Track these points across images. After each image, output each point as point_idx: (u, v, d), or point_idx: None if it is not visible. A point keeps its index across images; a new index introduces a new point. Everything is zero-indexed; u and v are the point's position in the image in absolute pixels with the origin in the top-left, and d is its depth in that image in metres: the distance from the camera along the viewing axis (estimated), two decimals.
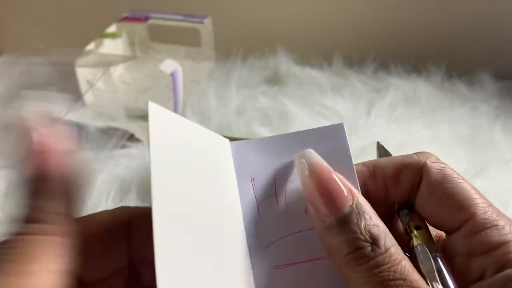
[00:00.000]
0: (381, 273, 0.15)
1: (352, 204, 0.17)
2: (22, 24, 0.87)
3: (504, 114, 0.57)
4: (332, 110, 0.59)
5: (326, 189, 0.17)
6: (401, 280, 0.15)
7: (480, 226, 0.17)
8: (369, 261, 0.16)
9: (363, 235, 0.16)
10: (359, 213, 0.17)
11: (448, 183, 0.19)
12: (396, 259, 0.16)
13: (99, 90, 0.57)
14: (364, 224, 0.17)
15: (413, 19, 0.71)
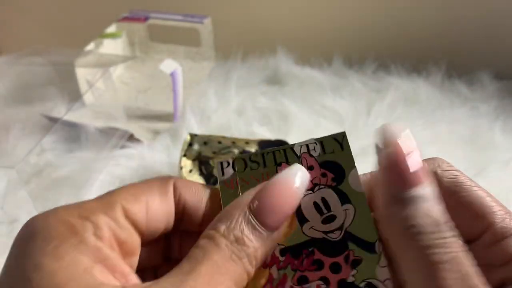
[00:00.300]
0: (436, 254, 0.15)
1: (427, 186, 0.17)
2: (22, 24, 0.87)
3: (504, 114, 0.57)
4: (332, 110, 0.59)
5: (415, 161, 0.17)
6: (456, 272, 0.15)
7: (499, 236, 0.17)
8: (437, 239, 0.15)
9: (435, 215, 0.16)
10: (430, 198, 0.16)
11: (462, 191, 0.18)
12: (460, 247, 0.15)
13: (99, 90, 0.57)
14: (439, 208, 0.16)
15: (413, 20, 0.71)
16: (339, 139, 0.21)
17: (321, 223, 0.19)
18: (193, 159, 0.45)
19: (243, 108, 0.60)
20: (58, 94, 0.60)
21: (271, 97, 0.63)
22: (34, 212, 0.41)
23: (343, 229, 0.19)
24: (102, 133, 0.53)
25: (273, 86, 0.67)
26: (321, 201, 0.20)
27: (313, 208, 0.19)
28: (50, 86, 0.60)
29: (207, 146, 0.47)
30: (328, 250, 0.19)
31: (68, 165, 0.50)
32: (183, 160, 0.45)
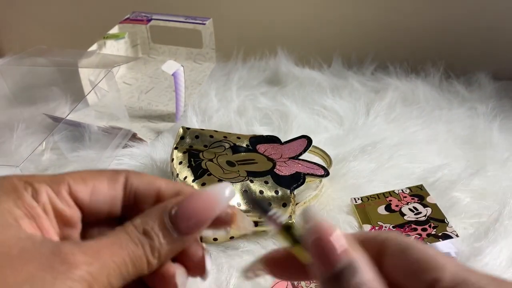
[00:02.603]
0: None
1: (345, 261, 0.17)
2: (26, 25, 0.87)
3: (502, 115, 0.58)
4: (331, 110, 0.60)
5: (322, 246, 0.18)
6: None
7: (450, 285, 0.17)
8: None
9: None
10: (353, 270, 0.17)
11: (410, 249, 0.19)
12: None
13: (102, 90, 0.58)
14: (355, 281, 0.17)
15: (411, 21, 0.72)
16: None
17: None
18: (184, 151, 0.46)
19: (243, 108, 0.61)
20: (62, 94, 0.60)
21: (271, 98, 0.64)
22: None
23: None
24: (105, 132, 0.54)
25: (273, 86, 0.67)
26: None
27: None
28: (54, 87, 0.61)
29: (199, 140, 0.48)
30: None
31: (72, 165, 0.50)
32: (174, 153, 0.46)
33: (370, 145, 0.51)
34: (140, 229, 0.19)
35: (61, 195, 0.20)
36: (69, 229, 0.21)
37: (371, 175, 0.47)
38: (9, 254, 0.16)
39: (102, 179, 0.21)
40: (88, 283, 0.16)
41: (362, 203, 0.43)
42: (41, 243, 0.17)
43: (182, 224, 0.20)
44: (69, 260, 0.16)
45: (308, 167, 0.44)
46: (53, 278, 0.16)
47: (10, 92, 0.60)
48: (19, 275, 0.15)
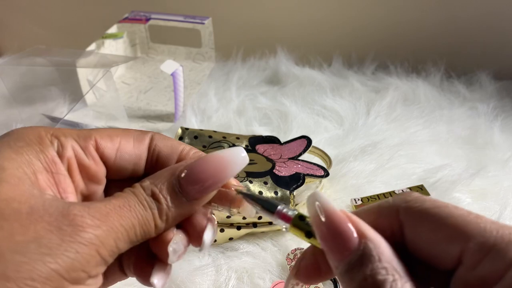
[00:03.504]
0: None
1: (360, 248, 0.16)
2: (24, 24, 0.87)
3: (503, 114, 0.57)
4: (331, 110, 0.59)
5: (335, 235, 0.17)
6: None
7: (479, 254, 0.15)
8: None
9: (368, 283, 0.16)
10: (368, 257, 0.16)
11: (428, 216, 0.17)
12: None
13: (100, 90, 0.58)
14: (371, 268, 0.16)
15: (412, 20, 0.71)
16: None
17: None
18: None
19: (243, 108, 0.61)
20: (60, 94, 0.60)
21: (271, 97, 0.63)
22: None
23: None
24: None
25: (273, 86, 0.67)
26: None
27: None
28: (52, 87, 0.60)
29: (198, 140, 0.48)
30: None
31: None
32: None
33: (371, 145, 0.51)
34: (149, 191, 0.19)
35: (87, 150, 0.20)
36: (94, 184, 0.21)
37: (371, 175, 0.47)
38: (19, 211, 0.16)
39: (128, 137, 0.21)
40: (95, 247, 0.16)
41: (363, 204, 0.43)
42: (51, 203, 0.17)
43: (190, 188, 0.19)
44: (77, 222, 0.16)
45: (308, 167, 0.44)
46: (60, 240, 0.15)
47: (8, 92, 0.60)
48: (26, 233, 0.15)
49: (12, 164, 0.17)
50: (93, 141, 0.20)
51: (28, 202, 0.16)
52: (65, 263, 0.15)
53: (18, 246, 0.15)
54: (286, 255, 0.38)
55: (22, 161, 0.18)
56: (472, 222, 0.16)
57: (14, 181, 0.17)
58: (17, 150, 0.18)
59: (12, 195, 0.16)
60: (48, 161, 0.18)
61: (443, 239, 0.16)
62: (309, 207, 0.18)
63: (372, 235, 0.17)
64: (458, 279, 0.16)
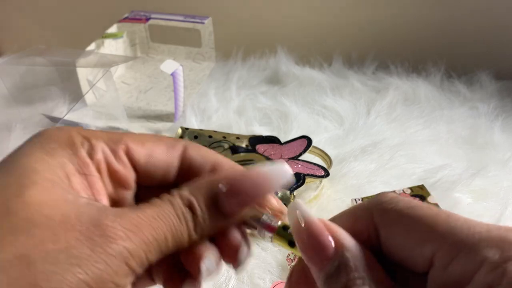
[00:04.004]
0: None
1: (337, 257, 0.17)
2: (24, 24, 0.87)
3: (503, 114, 0.57)
4: (331, 110, 0.59)
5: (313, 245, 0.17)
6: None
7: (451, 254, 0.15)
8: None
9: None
10: (343, 267, 0.16)
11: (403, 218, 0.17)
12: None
13: (100, 90, 0.58)
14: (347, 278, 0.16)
15: (412, 20, 0.71)
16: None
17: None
18: None
19: (243, 108, 0.60)
20: (60, 94, 0.60)
21: (271, 97, 0.63)
22: None
23: None
24: None
25: (273, 86, 0.67)
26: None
27: None
28: (52, 86, 0.60)
29: (198, 140, 0.48)
30: None
31: None
32: None
33: (371, 145, 0.51)
34: (186, 200, 0.18)
35: (117, 154, 0.19)
36: (123, 190, 0.20)
37: (371, 175, 0.47)
38: (51, 218, 0.16)
39: (160, 144, 0.21)
40: (124, 259, 0.16)
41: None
42: (84, 210, 0.16)
43: (230, 201, 0.18)
44: (108, 233, 0.16)
45: (308, 167, 0.44)
46: (90, 251, 0.15)
47: (8, 92, 0.60)
48: (57, 242, 0.15)
49: (44, 166, 0.17)
50: (123, 145, 0.20)
51: (60, 208, 0.16)
52: (94, 274, 0.15)
53: (49, 255, 0.15)
54: (287, 255, 0.38)
55: (55, 163, 0.17)
56: (443, 222, 0.16)
57: (47, 184, 0.16)
58: (49, 152, 0.18)
59: (45, 200, 0.16)
60: (80, 163, 0.18)
61: (415, 241, 0.16)
62: (289, 216, 0.18)
63: (349, 243, 0.17)
64: (432, 281, 0.16)
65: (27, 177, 0.16)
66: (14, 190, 0.16)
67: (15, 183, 0.16)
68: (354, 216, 0.19)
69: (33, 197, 0.16)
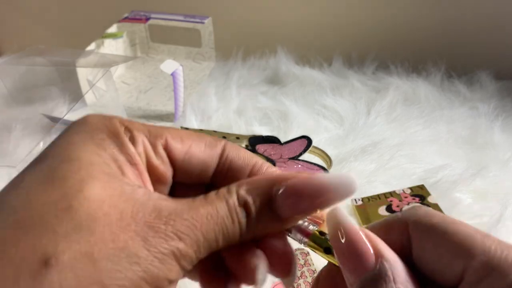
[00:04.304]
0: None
1: (376, 267, 0.16)
2: (24, 24, 0.87)
3: (503, 114, 0.57)
4: (331, 110, 0.59)
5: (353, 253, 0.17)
6: None
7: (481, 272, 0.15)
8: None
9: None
10: (382, 277, 0.16)
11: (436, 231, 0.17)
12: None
13: (100, 90, 0.58)
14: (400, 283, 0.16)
15: (412, 20, 0.71)
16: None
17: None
18: None
19: (243, 107, 0.60)
20: (59, 94, 0.60)
21: (271, 97, 0.63)
22: None
23: None
24: None
25: (273, 86, 0.67)
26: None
27: None
28: (52, 86, 0.60)
29: None
30: None
31: None
32: None
33: (371, 145, 0.51)
34: (242, 200, 0.17)
35: (156, 149, 0.19)
36: (159, 185, 0.20)
37: (371, 175, 0.47)
38: (109, 215, 0.16)
39: (200, 142, 0.20)
40: (177, 258, 0.16)
41: (363, 204, 0.43)
42: (139, 208, 0.16)
43: (287, 205, 0.18)
44: (162, 233, 0.16)
45: (308, 167, 0.44)
46: (147, 250, 0.16)
47: (8, 92, 0.60)
48: (117, 241, 0.15)
49: (99, 159, 0.17)
50: (163, 140, 0.19)
51: (117, 206, 0.16)
52: (151, 273, 0.15)
53: (110, 254, 0.15)
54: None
55: (107, 156, 0.17)
56: (478, 241, 0.16)
57: (104, 178, 0.16)
58: (100, 144, 0.17)
59: (104, 196, 0.16)
60: (128, 154, 0.18)
61: (448, 255, 0.16)
62: (328, 222, 0.18)
63: (389, 254, 0.17)
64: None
65: (85, 170, 0.16)
66: (74, 184, 0.16)
67: (75, 177, 0.16)
68: (388, 227, 0.18)
69: (92, 193, 0.16)
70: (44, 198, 0.15)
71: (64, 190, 0.15)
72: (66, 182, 0.16)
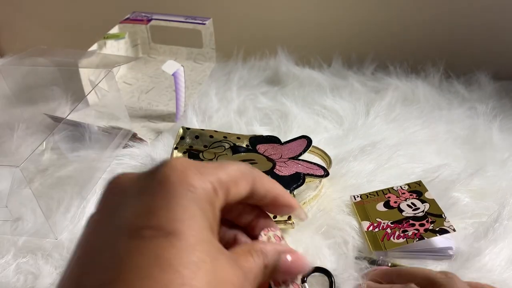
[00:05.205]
0: None
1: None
2: (26, 25, 0.87)
3: (502, 114, 0.58)
4: (331, 110, 0.60)
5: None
6: None
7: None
8: None
9: None
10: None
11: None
12: None
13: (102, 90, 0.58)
14: None
15: (411, 21, 0.72)
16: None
17: None
18: (184, 151, 0.46)
19: (244, 108, 0.61)
20: (62, 94, 0.60)
21: (271, 97, 0.64)
22: (38, 210, 0.42)
23: None
24: (105, 132, 0.54)
25: (273, 86, 0.67)
26: None
27: None
28: (54, 87, 0.61)
29: (199, 140, 0.48)
30: None
31: (72, 164, 0.50)
32: (174, 153, 0.46)
33: (370, 145, 0.51)
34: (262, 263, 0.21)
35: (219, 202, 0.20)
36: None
37: (370, 175, 0.47)
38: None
39: (242, 180, 0.21)
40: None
41: (361, 200, 0.43)
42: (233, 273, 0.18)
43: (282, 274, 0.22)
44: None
45: (308, 167, 0.44)
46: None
47: (10, 92, 0.60)
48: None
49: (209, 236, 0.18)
50: (227, 191, 0.20)
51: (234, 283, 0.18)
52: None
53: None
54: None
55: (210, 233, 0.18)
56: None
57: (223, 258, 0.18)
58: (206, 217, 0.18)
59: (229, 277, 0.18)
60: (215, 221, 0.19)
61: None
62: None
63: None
64: None
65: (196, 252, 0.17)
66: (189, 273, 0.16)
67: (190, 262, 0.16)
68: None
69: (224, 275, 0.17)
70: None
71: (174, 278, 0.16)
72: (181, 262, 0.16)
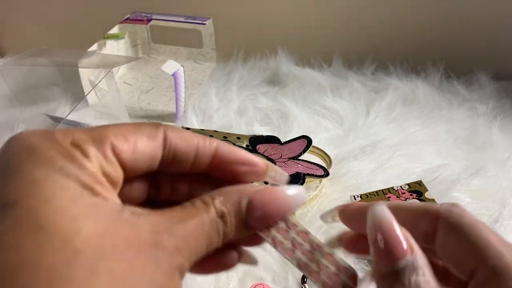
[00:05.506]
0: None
1: (409, 258, 0.18)
2: (26, 25, 0.87)
3: (502, 114, 0.58)
4: (331, 110, 0.60)
5: (388, 239, 0.18)
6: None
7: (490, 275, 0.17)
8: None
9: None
10: (414, 268, 0.18)
11: (461, 230, 0.19)
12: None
13: (102, 90, 0.58)
14: (415, 279, 0.17)
15: (412, 21, 0.72)
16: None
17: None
18: None
19: (244, 108, 0.61)
20: (62, 94, 0.61)
21: (271, 97, 0.64)
22: None
23: None
24: None
25: (273, 86, 0.67)
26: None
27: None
28: (54, 87, 0.61)
29: None
30: None
31: None
32: None
33: (370, 145, 0.51)
34: (219, 212, 0.19)
35: (107, 157, 0.19)
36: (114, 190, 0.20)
37: (371, 175, 0.47)
38: (117, 246, 0.15)
39: (142, 135, 0.20)
40: (180, 272, 0.17)
41: (362, 200, 0.43)
42: (137, 228, 0.17)
43: (255, 217, 0.20)
44: (167, 251, 0.17)
45: (308, 167, 0.44)
46: (161, 271, 0.16)
47: (10, 92, 0.60)
48: (135, 270, 0.15)
49: (71, 191, 0.16)
50: (110, 144, 0.19)
51: (118, 234, 0.16)
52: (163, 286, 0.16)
53: (135, 285, 0.15)
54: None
55: (75, 183, 0.16)
56: (494, 246, 0.18)
57: (88, 210, 0.16)
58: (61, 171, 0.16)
59: (100, 229, 0.16)
60: (91, 173, 0.17)
61: (463, 253, 0.18)
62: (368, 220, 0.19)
63: (419, 250, 0.18)
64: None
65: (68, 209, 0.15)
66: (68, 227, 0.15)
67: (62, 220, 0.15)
68: (420, 213, 0.20)
69: (89, 230, 0.15)
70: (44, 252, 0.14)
71: (61, 236, 0.15)
72: (57, 227, 0.15)
